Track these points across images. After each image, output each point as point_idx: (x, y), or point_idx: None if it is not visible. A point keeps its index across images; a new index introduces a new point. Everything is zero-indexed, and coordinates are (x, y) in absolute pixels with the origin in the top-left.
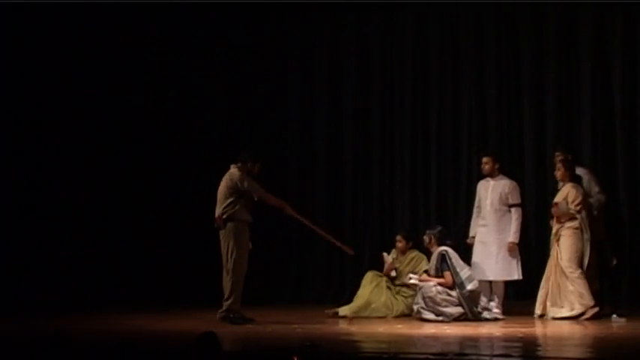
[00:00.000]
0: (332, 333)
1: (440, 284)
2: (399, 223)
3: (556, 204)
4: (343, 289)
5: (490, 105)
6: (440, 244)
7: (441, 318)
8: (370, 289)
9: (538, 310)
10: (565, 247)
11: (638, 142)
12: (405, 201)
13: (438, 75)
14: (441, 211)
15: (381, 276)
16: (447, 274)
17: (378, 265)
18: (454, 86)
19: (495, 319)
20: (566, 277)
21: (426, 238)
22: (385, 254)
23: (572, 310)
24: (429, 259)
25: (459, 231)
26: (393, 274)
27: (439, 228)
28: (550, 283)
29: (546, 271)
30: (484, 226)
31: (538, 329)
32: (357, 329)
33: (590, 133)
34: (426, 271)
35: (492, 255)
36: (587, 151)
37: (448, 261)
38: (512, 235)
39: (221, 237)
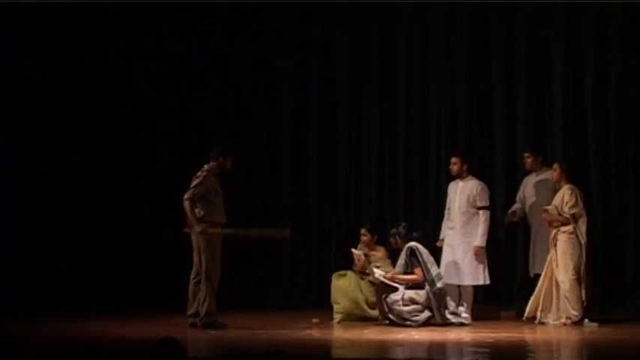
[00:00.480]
0: (297, 339)
1: (410, 281)
2: (366, 220)
3: (546, 210)
4: (307, 293)
5: (460, 104)
6: (407, 240)
7: (408, 323)
8: (347, 285)
9: (527, 313)
10: (560, 253)
11: (610, 143)
12: (371, 203)
13: (406, 74)
14: (409, 214)
15: (343, 275)
16: (418, 270)
17: (347, 266)
18: (423, 85)
19: (461, 324)
20: (558, 287)
21: (392, 239)
22: (354, 250)
23: (560, 319)
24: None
25: (427, 233)
26: (372, 269)
27: (402, 224)
28: (544, 288)
29: (543, 274)
30: (452, 228)
31: (507, 334)
32: (321, 335)
33: (562, 132)
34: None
35: (459, 259)
36: (559, 151)
37: (419, 257)
38: (479, 238)
39: (192, 240)
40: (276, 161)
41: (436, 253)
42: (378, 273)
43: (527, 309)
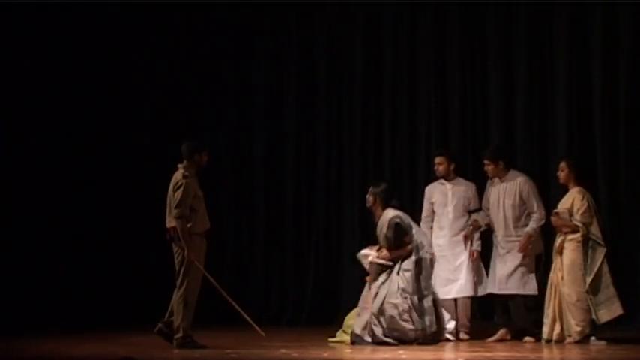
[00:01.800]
0: (271, 358)
1: (405, 254)
2: (347, 231)
3: (557, 213)
4: (283, 309)
5: (452, 105)
6: (385, 206)
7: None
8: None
9: (546, 335)
10: (566, 264)
11: (619, 143)
12: (354, 212)
13: (393, 70)
14: None
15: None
16: (408, 238)
17: (326, 283)
18: (411, 82)
19: (457, 339)
20: (566, 302)
21: (369, 197)
22: (363, 252)
23: (569, 336)
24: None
25: None
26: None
27: (383, 186)
28: (553, 304)
29: (548, 287)
30: (442, 237)
31: (505, 354)
32: (298, 354)
33: (566, 133)
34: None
35: (456, 269)
36: (563, 152)
37: (405, 227)
38: (475, 242)
39: (174, 250)
40: (250, 165)
41: None
42: (370, 255)
43: (546, 330)
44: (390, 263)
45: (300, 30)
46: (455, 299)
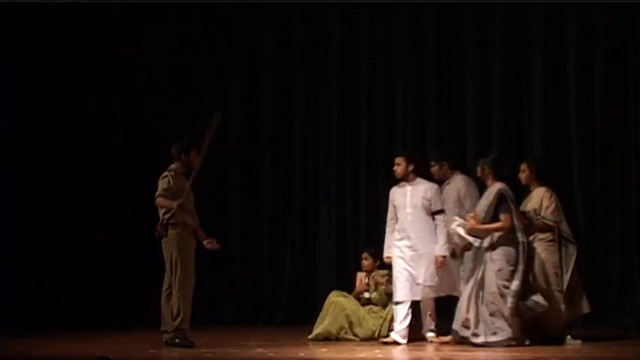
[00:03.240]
0: (246, 358)
1: (493, 230)
2: (323, 231)
3: (524, 213)
4: (258, 309)
5: (428, 106)
6: (496, 176)
7: (494, 339)
8: (342, 302)
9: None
10: (539, 264)
11: (595, 142)
12: (330, 211)
13: (368, 71)
14: (371, 222)
15: (345, 296)
16: (506, 217)
17: (302, 282)
18: (387, 85)
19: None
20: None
21: (478, 168)
22: (360, 274)
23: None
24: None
25: None
26: (366, 295)
27: (492, 155)
28: None
29: None
30: (402, 239)
31: (486, 354)
32: (274, 354)
33: (541, 132)
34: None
35: (418, 271)
36: (539, 151)
37: (509, 202)
38: (439, 247)
39: (163, 247)
40: (225, 162)
41: None
42: (460, 224)
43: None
44: (472, 239)
45: (276, 29)
46: (419, 301)
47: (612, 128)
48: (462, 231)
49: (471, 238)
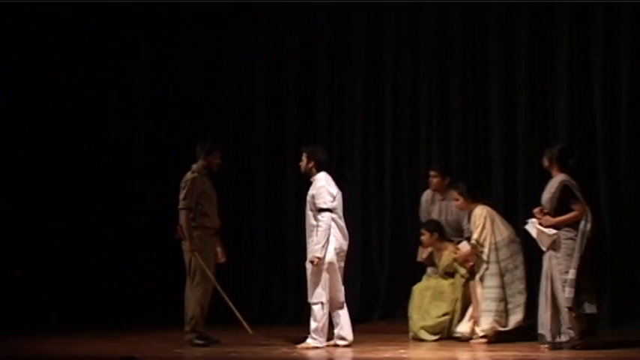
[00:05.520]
0: (270, 357)
1: (569, 220)
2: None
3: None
4: (283, 309)
5: (453, 107)
6: (562, 168)
7: (561, 339)
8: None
9: None
10: None
11: (620, 141)
12: (356, 213)
13: (393, 73)
14: (396, 219)
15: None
16: (578, 206)
17: None
18: (413, 85)
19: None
20: None
21: (545, 159)
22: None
23: None
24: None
25: (417, 239)
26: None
27: (560, 145)
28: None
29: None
30: None
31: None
32: (298, 354)
33: (567, 132)
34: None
35: None
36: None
37: (576, 191)
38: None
39: (183, 248)
40: (250, 164)
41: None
42: (530, 223)
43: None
44: (554, 232)
45: (301, 28)
46: None
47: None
48: (534, 232)
49: (552, 231)
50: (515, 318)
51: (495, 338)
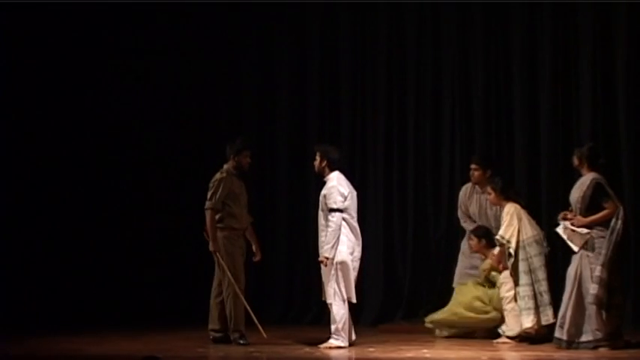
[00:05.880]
0: (293, 357)
1: (601, 219)
2: (370, 235)
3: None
4: (305, 309)
5: (476, 108)
6: (592, 166)
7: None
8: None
9: None
10: None
11: None
12: (378, 213)
13: (416, 71)
14: (419, 216)
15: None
16: (610, 204)
17: None
18: (435, 83)
19: None
20: None
21: (575, 158)
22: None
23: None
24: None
25: (439, 239)
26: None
27: (590, 144)
28: None
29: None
30: None
31: (528, 353)
32: (321, 353)
33: (590, 123)
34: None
35: None
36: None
37: (608, 189)
38: None
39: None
40: (272, 164)
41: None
42: (561, 227)
43: None
44: (586, 231)
45: (323, 28)
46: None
47: None
48: (565, 235)
49: (584, 230)
50: (545, 316)
51: (525, 337)
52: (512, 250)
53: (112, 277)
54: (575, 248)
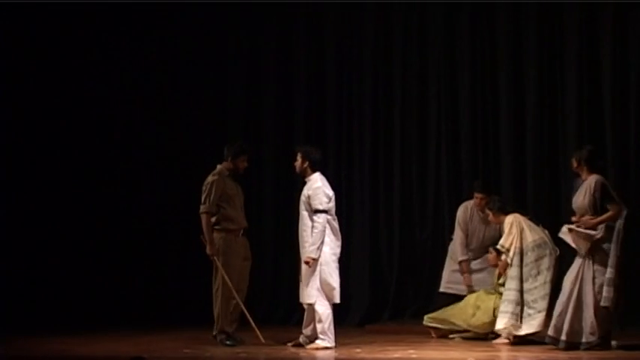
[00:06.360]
0: (279, 358)
1: (607, 220)
2: (356, 235)
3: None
4: (292, 309)
5: (462, 109)
6: (592, 169)
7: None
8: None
9: None
10: None
11: (630, 144)
12: (364, 213)
13: (402, 73)
14: (406, 215)
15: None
16: (613, 205)
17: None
18: (421, 85)
19: None
20: None
21: (574, 161)
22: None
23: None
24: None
25: (425, 240)
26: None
27: (589, 147)
28: None
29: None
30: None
31: (516, 353)
32: (306, 354)
33: (575, 135)
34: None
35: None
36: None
37: (610, 190)
38: None
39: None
40: (258, 165)
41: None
42: (564, 230)
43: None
44: (594, 232)
45: (309, 29)
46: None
47: None
48: (569, 238)
49: (593, 232)
50: (535, 324)
51: (517, 340)
52: (509, 260)
53: (102, 278)
54: (582, 252)
